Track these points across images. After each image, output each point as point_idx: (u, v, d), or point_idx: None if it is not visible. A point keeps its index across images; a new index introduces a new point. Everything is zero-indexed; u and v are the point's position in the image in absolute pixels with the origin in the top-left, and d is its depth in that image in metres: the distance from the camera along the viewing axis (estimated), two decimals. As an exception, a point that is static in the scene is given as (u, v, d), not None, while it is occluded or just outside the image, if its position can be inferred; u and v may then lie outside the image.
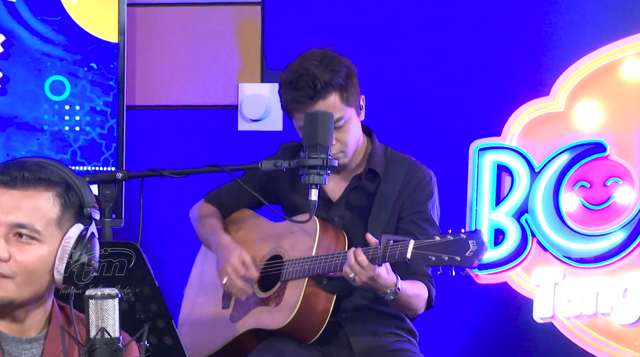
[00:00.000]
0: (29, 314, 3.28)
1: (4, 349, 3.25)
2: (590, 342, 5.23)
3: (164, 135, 5.88)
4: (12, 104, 5.72)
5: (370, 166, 4.85)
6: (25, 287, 3.18)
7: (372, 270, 4.43)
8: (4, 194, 3.18)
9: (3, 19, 5.70)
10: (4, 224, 3.15)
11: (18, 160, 3.28)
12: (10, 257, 3.13)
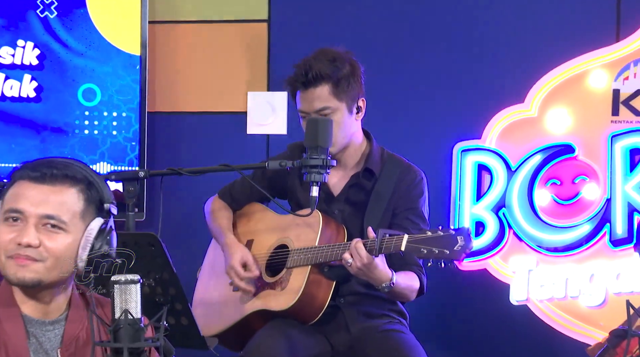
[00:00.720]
0: (54, 298, 3.32)
1: (29, 330, 3.29)
2: (561, 323, 5.26)
3: (181, 138, 5.91)
4: (46, 110, 5.74)
5: (368, 166, 4.86)
6: (53, 271, 3.23)
7: (368, 258, 4.44)
8: (34, 188, 3.24)
9: (38, 34, 5.72)
10: (34, 215, 3.19)
11: (46, 159, 3.35)
12: (40, 244, 3.18)
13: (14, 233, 3.19)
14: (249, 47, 5.88)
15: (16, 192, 3.24)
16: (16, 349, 3.26)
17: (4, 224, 3.22)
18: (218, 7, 5.90)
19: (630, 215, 5.20)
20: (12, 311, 3.29)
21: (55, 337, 3.32)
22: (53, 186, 3.25)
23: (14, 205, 3.22)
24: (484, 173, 5.37)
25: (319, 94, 4.76)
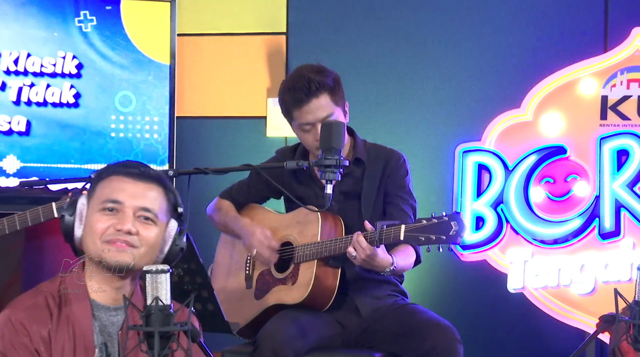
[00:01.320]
0: (125, 286, 3.36)
1: (95, 314, 3.33)
2: (554, 309, 5.26)
3: (207, 140, 5.93)
4: (85, 115, 5.76)
5: (356, 156, 4.89)
6: (144, 258, 3.30)
7: (370, 250, 4.47)
8: (132, 183, 3.32)
9: (78, 46, 5.74)
10: (132, 206, 3.27)
11: (135, 161, 3.45)
12: (137, 232, 3.24)
13: (111, 221, 3.25)
14: (269, 57, 5.89)
15: (113, 186, 3.30)
16: (82, 328, 3.31)
17: (100, 213, 3.27)
18: (240, 21, 5.93)
19: (617, 210, 5.20)
20: (82, 296, 3.33)
21: (117, 321, 3.36)
22: (147, 183, 3.33)
23: (112, 196, 3.28)
24: (484, 172, 5.36)
25: (322, 103, 4.77)
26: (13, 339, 3.24)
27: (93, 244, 3.28)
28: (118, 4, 5.78)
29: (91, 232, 3.28)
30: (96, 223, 3.27)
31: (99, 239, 3.26)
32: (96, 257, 3.29)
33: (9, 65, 5.69)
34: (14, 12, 5.71)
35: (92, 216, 3.29)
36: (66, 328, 3.28)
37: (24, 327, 3.25)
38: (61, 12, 5.73)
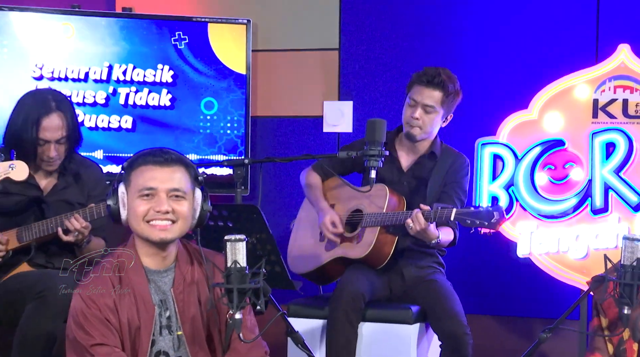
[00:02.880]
0: (169, 252, 3.39)
1: (149, 278, 3.37)
2: (554, 270, 5.25)
3: (275, 135, 5.94)
4: (178, 116, 5.82)
5: (432, 150, 4.99)
6: (181, 229, 3.34)
7: (425, 224, 4.56)
8: (160, 170, 3.33)
9: (173, 60, 5.80)
10: (164, 190, 3.30)
11: (157, 148, 3.45)
12: (172, 210, 3.26)
13: (150, 204, 3.28)
14: (325, 67, 5.91)
15: (145, 175, 3.32)
16: (141, 291, 3.34)
17: (139, 199, 3.30)
18: (301, 39, 5.95)
19: (606, 192, 5.18)
20: (136, 265, 3.37)
21: (168, 281, 3.39)
22: (172, 167, 3.34)
23: (147, 184, 3.30)
24: (498, 161, 5.35)
25: (433, 95, 4.88)
26: (86, 313, 3.28)
27: (137, 225, 3.33)
28: (206, 26, 5.81)
29: (134, 215, 3.32)
30: (137, 207, 3.31)
31: (141, 220, 3.31)
32: (143, 235, 3.32)
33: (119, 76, 5.75)
34: (123, 34, 5.76)
35: (132, 201, 3.33)
36: (128, 294, 3.32)
37: (93, 301, 3.28)
38: (160, 33, 5.79)
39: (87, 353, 3.22)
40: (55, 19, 5.69)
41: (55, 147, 4.50)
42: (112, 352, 3.22)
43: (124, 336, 3.28)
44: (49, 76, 5.65)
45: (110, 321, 3.25)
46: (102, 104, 5.73)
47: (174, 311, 3.35)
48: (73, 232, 4.43)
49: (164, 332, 3.34)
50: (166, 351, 3.34)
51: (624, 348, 3.40)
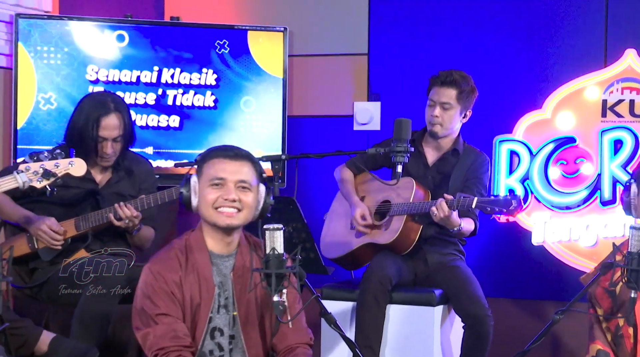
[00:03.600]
0: (233, 238, 3.42)
1: (213, 261, 3.41)
2: (566, 257, 5.24)
3: (309, 132, 5.94)
4: (220, 114, 5.81)
5: (455, 148, 5.03)
6: (245, 217, 3.39)
7: (448, 212, 4.59)
8: (230, 163, 3.38)
9: (216, 64, 5.79)
10: (233, 180, 3.35)
11: (229, 145, 3.55)
12: (239, 199, 3.31)
13: (219, 193, 3.33)
14: (355, 70, 5.90)
15: (216, 167, 3.38)
16: (204, 272, 3.38)
17: (210, 187, 3.35)
18: (334, 45, 5.93)
19: (614, 185, 5.16)
20: (202, 248, 3.40)
21: (229, 265, 3.43)
22: (241, 161, 3.39)
23: (217, 175, 3.36)
24: (514, 156, 5.34)
25: (448, 93, 4.92)
26: (154, 285, 3.34)
27: (206, 211, 3.37)
28: (245, 33, 5.81)
29: (204, 202, 3.36)
30: (208, 195, 3.35)
31: (210, 207, 3.35)
32: (211, 221, 3.35)
33: (167, 79, 5.76)
34: (170, 41, 5.79)
35: (203, 190, 3.37)
36: (192, 273, 3.36)
37: (161, 276, 3.33)
38: (204, 40, 5.80)
39: (151, 321, 3.29)
40: (110, 28, 5.71)
41: (112, 144, 4.57)
42: (174, 323, 3.28)
43: (185, 310, 3.33)
44: (104, 80, 5.67)
45: (175, 295, 3.32)
46: (152, 105, 5.75)
47: (231, 293, 3.39)
48: (124, 220, 4.46)
49: (221, 311, 3.39)
50: (221, 328, 3.39)
51: (620, 334, 3.40)
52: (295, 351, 3.41)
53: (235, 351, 3.40)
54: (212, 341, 3.38)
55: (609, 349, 3.44)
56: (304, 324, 3.46)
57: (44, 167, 4.09)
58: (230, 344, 3.39)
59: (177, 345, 3.25)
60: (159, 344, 3.26)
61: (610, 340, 3.45)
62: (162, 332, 3.26)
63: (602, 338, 3.47)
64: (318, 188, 5.63)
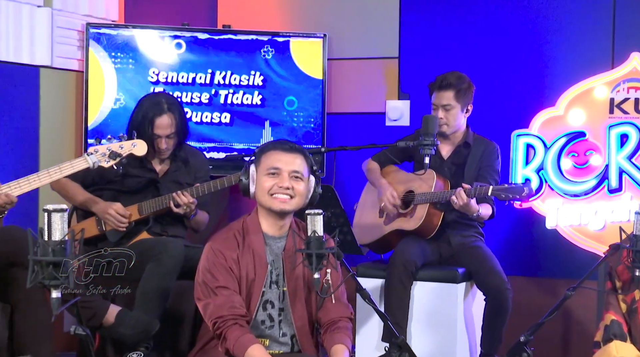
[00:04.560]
0: (285, 222, 3.46)
1: (266, 242, 3.43)
2: (576, 240, 5.20)
3: (346, 127, 5.93)
4: (266, 112, 5.81)
5: (466, 140, 5.02)
6: (297, 203, 3.42)
7: (467, 199, 4.60)
8: (285, 155, 3.41)
9: (262, 67, 5.79)
10: (287, 170, 3.38)
11: (283, 139, 3.65)
12: (292, 187, 3.34)
13: (275, 181, 3.36)
14: (387, 72, 5.88)
15: (273, 158, 3.41)
16: (259, 251, 3.41)
17: (266, 176, 3.38)
18: (368, 49, 5.92)
19: (620, 174, 5.12)
20: (257, 230, 3.43)
21: (281, 246, 3.46)
22: (295, 154, 3.42)
23: (274, 165, 3.39)
24: (530, 149, 5.30)
25: (447, 95, 4.92)
26: (215, 261, 3.37)
27: (263, 196, 3.39)
28: (288, 40, 5.81)
29: (261, 188, 3.38)
30: (264, 183, 3.37)
31: (267, 193, 3.38)
32: (266, 206, 3.36)
33: (219, 80, 5.77)
34: (222, 46, 5.80)
35: (260, 178, 3.39)
36: (248, 252, 3.39)
37: (221, 253, 3.36)
38: (251, 47, 5.81)
39: (212, 293, 3.33)
40: (169, 35, 5.73)
41: (165, 141, 4.60)
42: (231, 295, 3.32)
43: (241, 284, 3.37)
44: (163, 81, 5.70)
45: (233, 271, 3.35)
46: (206, 103, 5.76)
47: (282, 270, 3.42)
48: (182, 206, 4.48)
49: (272, 286, 3.42)
50: (272, 302, 3.42)
51: (635, 307, 3.37)
52: (337, 324, 3.42)
53: (284, 322, 3.42)
54: (264, 312, 3.41)
55: (622, 320, 3.40)
56: (345, 300, 3.48)
57: (111, 149, 4.17)
58: (280, 316, 3.42)
59: (233, 314, 3.28)
60: (217, 313, 3.28)
61: (625, 311, 3.42)
62: (221, 303, 3.29)
63: (616, 309, 3.44)
64: (354, 177, 5.61)
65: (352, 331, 3.46)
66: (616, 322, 3.38)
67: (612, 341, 3.33)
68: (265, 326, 3.40)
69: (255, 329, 3.37)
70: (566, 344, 5.43)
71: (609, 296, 3.48)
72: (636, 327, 3.37)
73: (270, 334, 3.41)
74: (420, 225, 4.88)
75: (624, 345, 3.31)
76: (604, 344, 3.36)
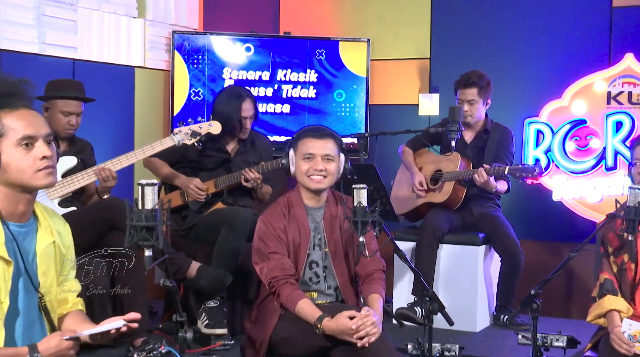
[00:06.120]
0: (322, 195, 3.44)
1: (308, 212, 3.41)
2: (579, 210, 5.15)
3: (386, 117, 5.89)
4: (319, 104, 5.80)
5: (485, 128, 4.97)
6: (330, 181, 3.37)
7: (487, 177, 4.62)
8: (317, 141, 3.35)
9: (316, 67, 5.78)
10: (320, 155, 3.32)
11: (314, 126, 3.50)
12: (325, 169, 3.31)
13: (310, 164, 3.33)
14: (419, 70, 5.83)
15: (307, 144, 3.36)
16: (302, 221, 3.40)
17: (303, 160, 3.35)
18: (403, 51, 5.87)
19: (615, 155, 5.06)
20: (300, 203, 3.42)
21: (321, 214, 3.45)
22: (325, 139, 3.37)
23: (308, 151, 3.34)
24: (540, 134, 5.25)
25: (471, 92, 4.88)
26: (266, 231, 3.36)
27: (301, 177, 3.38)
28: (338, 44, 5.79)
29: (299, 171, 3.37)
30: (301, 166, 3.35)
31: (304, 175, 3.36)
32: (304, 185, 3.37)
33: (281, 78, 5.78)
34: (284, 49, 5.80)
35: (298, 162, 3.37)
36: (293, 222, 3.39)
37: (270, 224, 3.36)
38: (307, 50, 5.79)
39: (265, 258, 3.32)
40: (240, 40, 5.74)
41: (249, 122, 4.61)
42: (281, 258, 3.30)
43: (289, 249, 3.35)
44: (235, 78, 5.71)
45: (282, 238, 3.33)
46: (270, 97, 5.76)
47: (323, 234, 3.40)
48: (250, 181, 4.50)
49: (316, 248, 3.39)
50: (317, 261, 3.40)
51: (624, 267, 3.34)
52: (372, 275, 3.40)
53: (328, 277, 3.41)
54: (311, 270, 3.40)
55: (614, 278, 3.37)
56: (378, 255, 3.44)
57: (192, 129, 4.30)
58: (324, 273, 3.40)
59: (284, 275, 3.27)
60: (271, 274, 3.28)
61: (616, 271, 3.38)
62: (273, 266, 3.28)
63: (609, 270, 3.40)
64: (392, 158, 5.58)
65: (384, 281, 3.44)
66: (609, 280, 3.35)
67: (605, 296, 3.31)
68: (312, 282, 3.39)
69: (304, 285, 3.37)
70: (569, 297, 5.38)
71: (602, 258, 3.44)
72: (625, 284, 3.35)
73: (317, 289, 3.40)
74: (447, 198, 4.87)
75: (615, 299, 3.29)
76: (599, 299, 3.34)
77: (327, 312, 3.15)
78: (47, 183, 2.29)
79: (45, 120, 2.35)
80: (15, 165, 2.24)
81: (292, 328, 3.22)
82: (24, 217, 2.32)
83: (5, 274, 2.22)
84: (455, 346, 3.34)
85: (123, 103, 5.43)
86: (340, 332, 3.08)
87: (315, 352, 3.22)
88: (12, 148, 2.24)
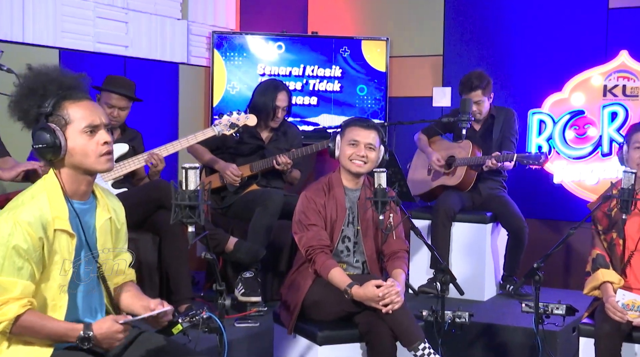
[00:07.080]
0: (360, 179, 3.44)
1: (346, 193, 3.42)
2: (577, 192, 5.13)
3: (404, 108, 5.86)
4: (344, 96, 5.77)
5: (491, 113, 4.92)
6: (369, 167, 3.36)
7: (496, 164, 4.60)
8: (363, 130, 3.36)
9: (341, 63, 5.75)
10: (364, 143, 3.33)
11: (362, 117, 3.61)
12: (367, 156, 3.30)
13: (354, 150, 3.33)
14: (433, 66, 5.80)
15: (353, 132, 3.37)
16: (340, 200, 3.41)
17: (347, 146, 3.35)
18: (419, 48, 5.83)
19: (610, 143, 5.02)
20: (339, 184, 3.42)
21: (356, 195, 3.45)
22: (370, 130, 3.38)
23: (354, 137, 3.35)
24: (542, 123, 5.20)
25: (476, 94, 4.81)
26: (307, 205, 3.38)
27: (344, 161, 3.37)
28: (360, 41, 5.76)
29: (343, 154, 3.36)
30: (346, 151, 3.34)
31: (347, 159, 3.35)
32: (346, 168, 3.36)
33: (309, 73, 5.76)
34: (312, 47, 5.77)
35: (344, 146, 3.36)
36: (332, 200, 3.39)
37: (312, 199, 3.37)
38: (333, 47, 5.77)
39: (305, 229, 3.34)
40: (272, 38, 5.73)
41: (282, 112, 4.60)
42: (319, 230, 3.32)
43: (327, 223, 3.36)
44: (268, 74, 5.70)
45: (321, 213, 3.35)
46: (299, 90, 5.74)
47: (356, 213, 3.41)
48: (282, 165, 4.51)
49: (349, 225, 3.41)
50: (349, 237, 3.41)
51: (614, 243, 3.33)
52: (397, 254, 3.41)
53: (357, 252, 3.43)
54: (343, 244, 3.41)
55: (605, 253, 3.35)
56: (402, 237, 3.46)
57: (230, 120, 4.30)
58: (354, 247, 3.42)
59: (320, 245, 3.29)
60: (309, 243, 3.30)
61: (606, 247, 3.37)
62: (311, 236, 3.31)
63: (600, 246, 3.39)
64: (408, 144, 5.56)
65: (407, 260, 3.45)
66: (601, 256, 3.35)
67: (599, 270, 3.31)
68: (343, 255, 3.41)
69: (336, 256, 3.38)
70: (568, 269, 5.35)
71: (594, 236, 3.43)
72: (615, 259, 3.34)
73: (347, 261, 3.41)
74: (460, 182, 4.85)
75: (608, 272, 3.29)
76: (593, 273, 3.34)
77: (356, 281, 3.18)
78: (107, 168, 2.32)
79: (104, 111, 2.39)
80: (80, 150, 2.26)
81: (323, 293, 3.25)
82: (85, 196, 2.34)
83: (70, 246, 2.25)
84: (465, 313, 3.33)
85: (169, 96, 5.46)
86: (368, 298, 3.11)
87: (342, 317, 3.26)
88: (77, 134, 2.26)
